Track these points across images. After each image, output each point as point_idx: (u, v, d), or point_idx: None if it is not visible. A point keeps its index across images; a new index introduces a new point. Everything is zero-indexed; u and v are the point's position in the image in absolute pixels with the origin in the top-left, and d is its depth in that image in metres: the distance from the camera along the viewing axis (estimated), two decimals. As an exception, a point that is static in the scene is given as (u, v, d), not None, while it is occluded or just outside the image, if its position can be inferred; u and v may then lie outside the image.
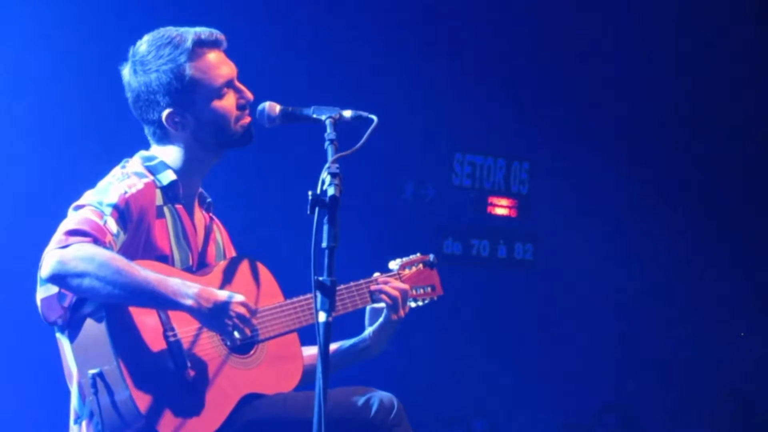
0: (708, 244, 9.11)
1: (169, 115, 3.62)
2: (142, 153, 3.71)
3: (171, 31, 3.65)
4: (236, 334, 3.48)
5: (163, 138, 3.69)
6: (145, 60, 3.62)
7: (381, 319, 3.90)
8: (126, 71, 3.67)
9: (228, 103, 3.66)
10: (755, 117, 9.16)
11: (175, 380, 3.46)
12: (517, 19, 8.45)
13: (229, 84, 3.67)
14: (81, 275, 3.31)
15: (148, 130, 3.72)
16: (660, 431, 8.74)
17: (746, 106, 9.12)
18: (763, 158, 9.22)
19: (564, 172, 8.91)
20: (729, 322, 9.20)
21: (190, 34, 3.63)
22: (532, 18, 8.50)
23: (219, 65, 3.65)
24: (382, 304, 3.88)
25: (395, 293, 3.86)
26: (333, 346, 3.88)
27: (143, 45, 3.64)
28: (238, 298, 3.49)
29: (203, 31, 3.65)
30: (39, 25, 6.21)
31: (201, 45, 3.63)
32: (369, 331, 3.93)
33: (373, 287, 3.87)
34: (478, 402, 8.35)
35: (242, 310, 3.48)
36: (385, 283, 3.88)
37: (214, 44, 3.66)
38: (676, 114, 9.11)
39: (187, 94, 3.60)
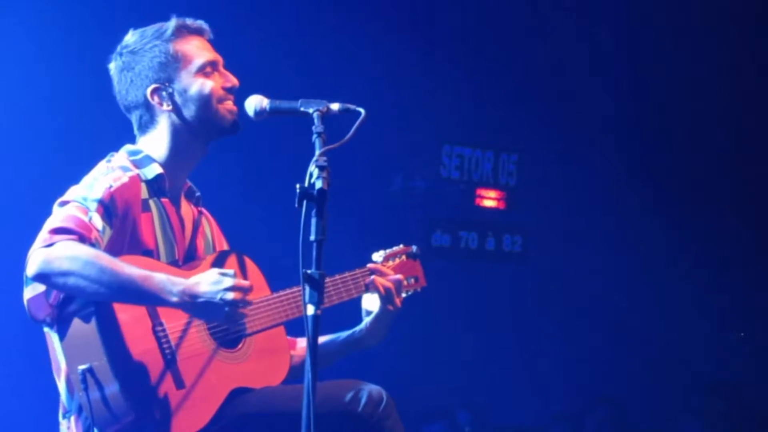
0: (699, 235, 9.11)
1: (154, 90, 3.65)
2: (128, 147, 3.71)
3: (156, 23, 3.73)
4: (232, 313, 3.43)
5: (149, 123, 3.69)
6: (130, 43, 3.69)
7: (376, 310, 3.89)
8: (112, 63, 3.73)
9: (213, 82, 3.69)
10: (747, 108, 9.16)
11: (165, 375, 3.46)
12: (505, 11, 8.44)
13: (213, 65, 3.71)
14: (65, 274, 3.31)
15: (134, 118, 3.73)
16: (650, 423, 8.74)
17: (738, 98, 9.12)
18: (756, 149, 9.22)
19: (552, 164, 8.91)
20: (721, 314, 9.20)
21: (174, 19, 3.71)
22: (520, 9, 8.49)
23: (202, 48, 3.72)
24: (375, 295, 3.88)
25: (388, 284, 3.86)
26: (329, 337, 3.90)
27: (129, 35, 3.72)
28: (227, 282, 3.42)
29: (187, 18, 3.73)
30: (29, 21, 6.20)
31: (185, 29, 3.70)
32: (365, 321, 3.93)
33: (366, 279, 3.87)
34: (466, 394, 8.35)
35: (235, 295, 3.42)
36: (380, 274, 3.88)
37: (197, 31, 3.73)
38: (665, 106, 9.10)
39: (172, 69, 3.65)
